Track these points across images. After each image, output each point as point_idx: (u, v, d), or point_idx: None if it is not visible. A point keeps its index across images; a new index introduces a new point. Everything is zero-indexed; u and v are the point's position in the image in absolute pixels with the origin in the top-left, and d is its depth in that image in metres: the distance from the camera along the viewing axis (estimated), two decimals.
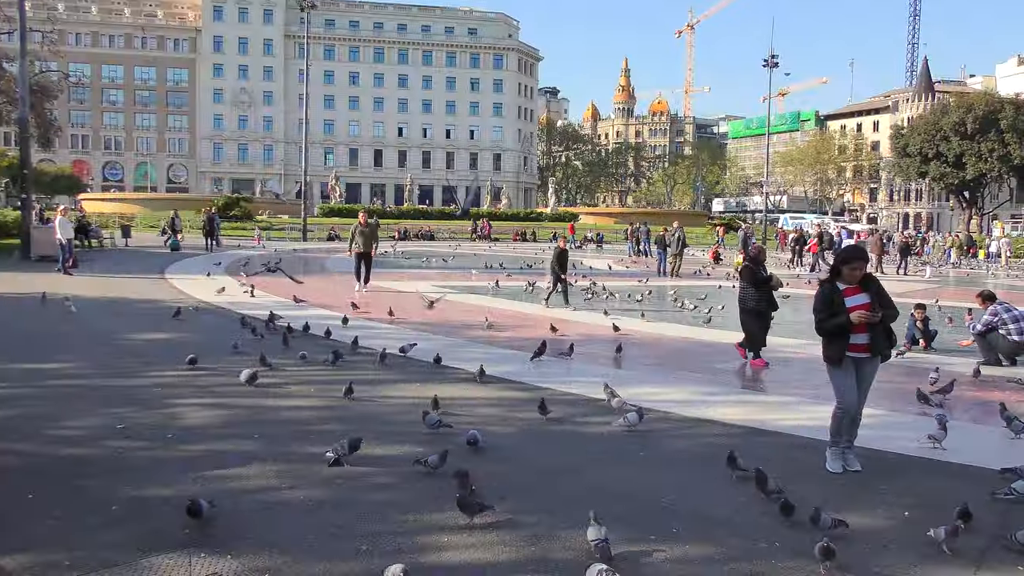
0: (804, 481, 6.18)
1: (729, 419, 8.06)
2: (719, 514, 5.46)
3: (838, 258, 6.47)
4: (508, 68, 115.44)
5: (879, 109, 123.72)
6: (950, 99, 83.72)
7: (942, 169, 72.45)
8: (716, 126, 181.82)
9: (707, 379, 10.30)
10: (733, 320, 16.05)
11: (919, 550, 4.95)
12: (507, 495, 5.66)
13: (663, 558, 4.75)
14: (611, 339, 12.85)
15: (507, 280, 23.48)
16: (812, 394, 9.33)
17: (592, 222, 69.34)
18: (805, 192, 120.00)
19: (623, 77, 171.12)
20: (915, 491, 6.08)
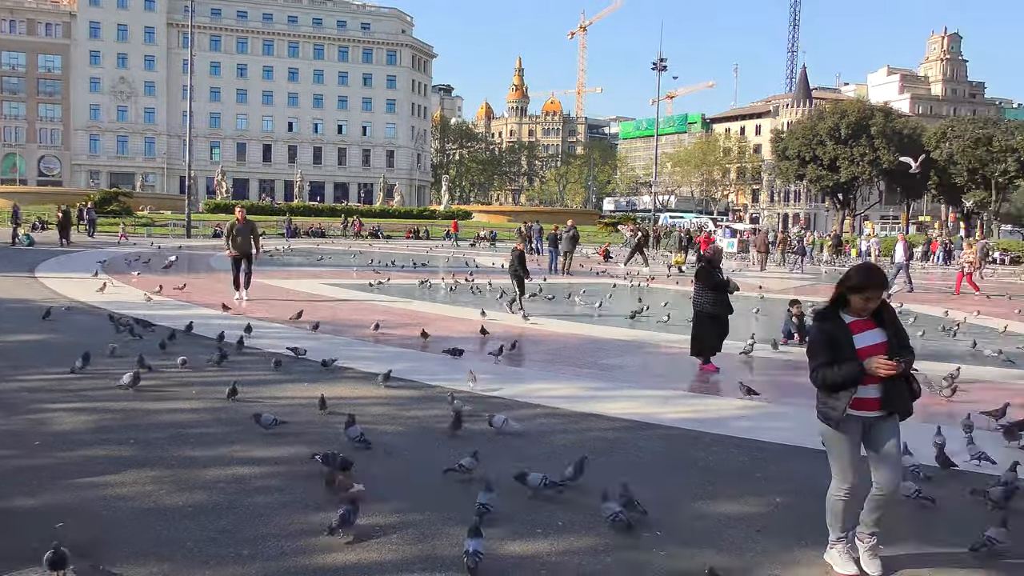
0: (684, 472, 6.36)
1: (616, 413, 8.23)
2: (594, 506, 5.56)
3: (846, 283, 4.54)
4: (401, 64, 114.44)
5: (761, 113, 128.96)
6: (826, 105, 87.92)
7: (818, 172, 75.96)
8: (607, 127, 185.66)
9: (595, 375, 10.49)
10: (621, 316, 16.58)
11: (792, 532, 5.19)
12: (396, 494, 5.62)
13: (548, 551, 4.81)
14: (504, 337, 12.92)
15: (399, 278, 23.26)
16: (697, 387, 9.67)
17: (486, 220, 69.56)
18: (692, 192, 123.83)
19: (516, 76, 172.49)
20: (788, 477, 6.36)
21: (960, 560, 4.85)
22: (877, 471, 4.65)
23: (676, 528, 5.22)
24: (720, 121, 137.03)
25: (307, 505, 5.40)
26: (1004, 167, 65.46)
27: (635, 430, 7.63)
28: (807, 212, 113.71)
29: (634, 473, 6.02)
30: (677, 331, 14.41)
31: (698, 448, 7.09)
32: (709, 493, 5.92)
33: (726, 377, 10.53)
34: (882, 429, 4.59)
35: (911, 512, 5.61)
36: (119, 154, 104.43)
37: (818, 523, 5.38)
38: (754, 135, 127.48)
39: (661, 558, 4.77)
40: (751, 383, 9.20)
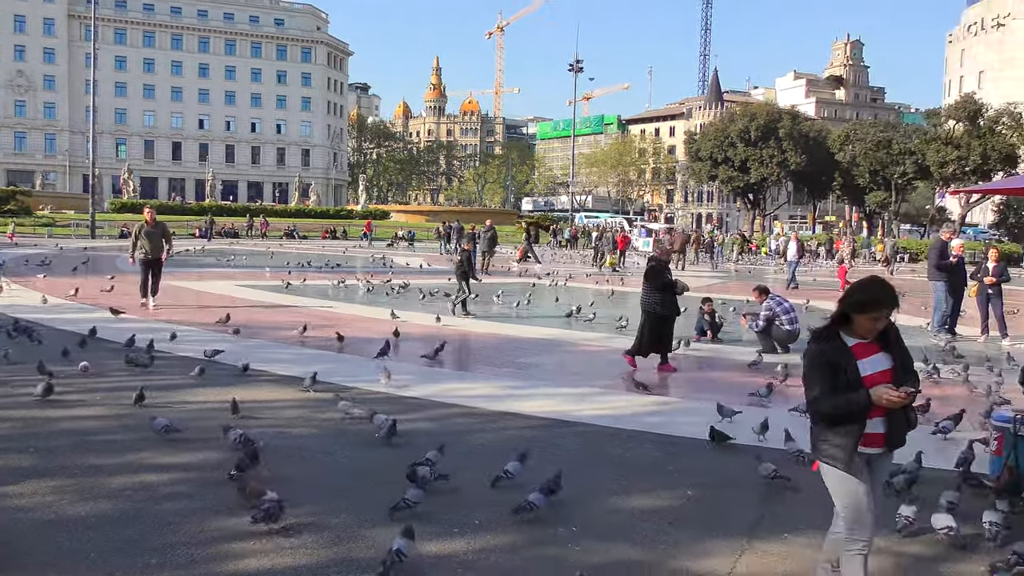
0: (599, 468, 6.46)
1: (533, 412, 8.30)
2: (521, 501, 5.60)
3: (850, 299, 3.89)
4: (317, 62, 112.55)
5: (675, 115, 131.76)
6: (737, 108, 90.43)
7: (729, 173, 77.95)
8: (525, 127, 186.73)
9: (512, 373, 10.55)
10: (541, 314, 16.73)
11: (702, 524, 5.34)
12: (311, 496, 5.55)
13: (465, 549, 4.82)
14: (424, 336, 12.88)
15: (315, 279, 22.91)
16: (611, 384, 9.82)
17: (404, 220, 69.13)
18: (608, 192, 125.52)
19: (434, 76, 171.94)
20: (700, 470, 6.53)
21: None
22: None
23: (591, 523, 5.30)
24: (635, 122, 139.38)
25: (218, 511, 5.28)
26: (903, 169, 68.31)
27: (552, 427, 7.70)
28: (720, 212, 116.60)
29: (550, 470, 6.08)
30: (597, 330, 14.70)
31: (613, 444, 7.22)
32: (623, 488, 6.03)
33: (643, 375, 10.73)
34: (878, 468, 3.99)
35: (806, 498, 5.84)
36: (17, 151, 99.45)
37: (727, 514, 5.58)
38: (668, 136, 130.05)
39: (576, 553, 4.84)
40: (660, 379, 9.40)
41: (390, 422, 7.01)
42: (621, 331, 14.27)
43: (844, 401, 3.76)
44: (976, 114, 63.75)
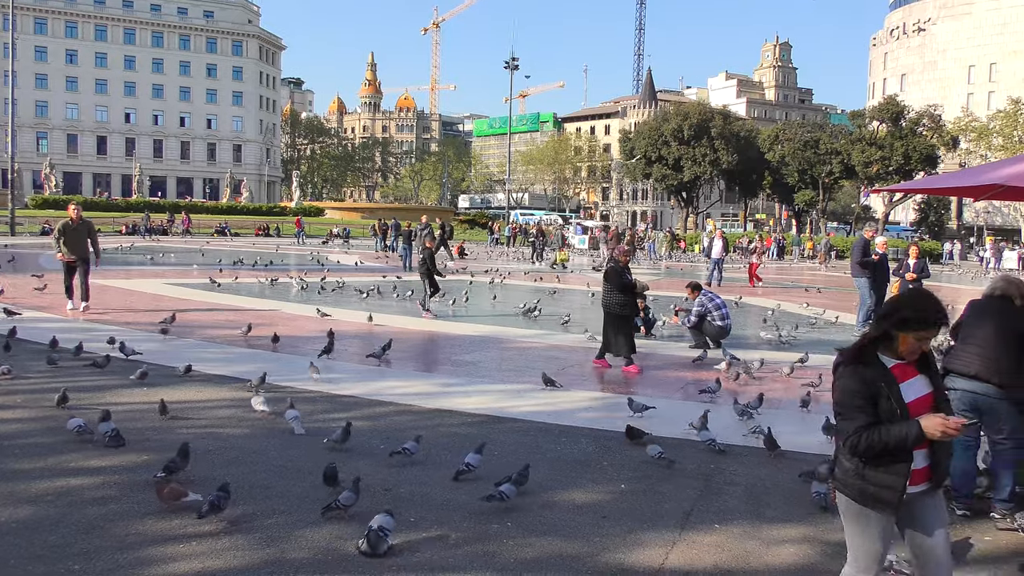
0: (534, 464, 6.47)
1: (469, 408, 8.30)
2: (457, 499, 5.61)
3: (896, 315, 3.38)
4: (248, 55, 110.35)
5: (610, 114, 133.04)
6: (670, 108, 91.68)
7: (663, 171, 79.09)
8: (462, 124, 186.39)
9: (449, 371, 10.54)
10: (477, 313, 16.74)
11: (635, 516, 5.42)
12: (242, 497, 5.45)
13: (399, 547, 4.80)
14: (357, 335, 12.77)
15: (247, 277, 22.48)
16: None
17: (339, 217, 68.41)
18: (545, 190, 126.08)
19: (369, 71, 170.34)
20: (632, 464, 6.62)
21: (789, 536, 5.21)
22: (924, 566, 3.46)
23: (525, 518, 5.34)
24: (571, 120, 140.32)
25: (145, 514, 5.15)
26: (830, 168, 70.27)
27: (488, 424, 7.72)
28: (654, 210, 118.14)
29: (486, 466, 6.10)
30: (535, 326, 14.77)
31: (549, 439, 7.27)
32: (558, 483, 6.07)
33: (579, 370, 10.83)
34: (927, 508, 3.44)
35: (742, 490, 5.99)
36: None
37: (660, 507, 5.68)
38: (604, 135, 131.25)
39: (509, 548, 4.87)
40: (597, 375, 9.50)
41: (294, 416, 6.92)
42: (564, 327, 14.41)
43: (891, 433, 3.23)
44: (898, 116, 66.00)
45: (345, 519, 5.12)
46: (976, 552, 4.88)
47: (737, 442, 7.22)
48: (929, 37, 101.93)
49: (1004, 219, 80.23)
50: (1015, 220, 73.83)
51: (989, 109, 77.95)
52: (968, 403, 5.68)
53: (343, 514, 5.13)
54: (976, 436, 5.81)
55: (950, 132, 67.74)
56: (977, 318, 5.88)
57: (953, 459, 5.89)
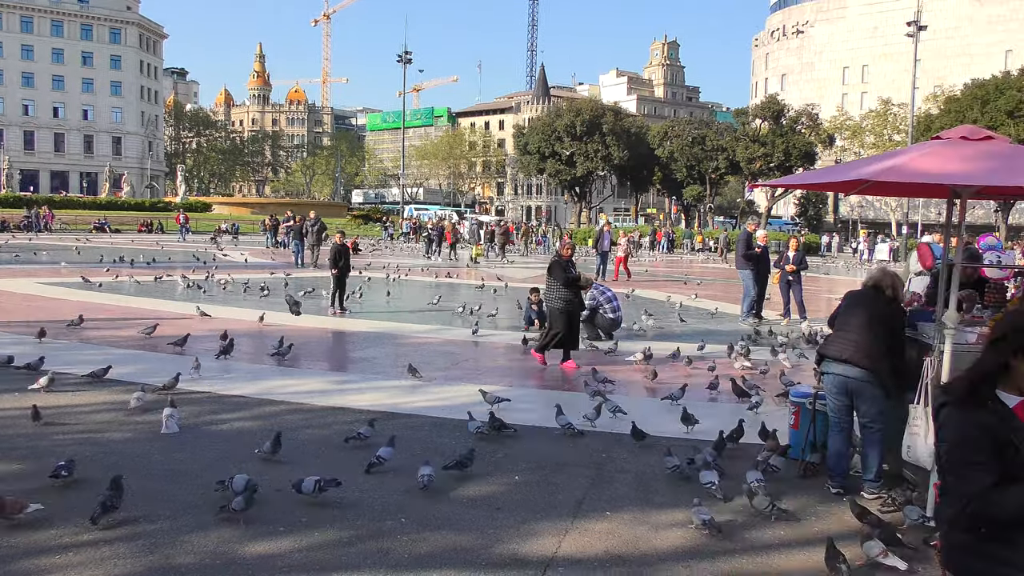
0: (429, 457, 6.46)
1: (363, 405, 8.22)
2: (349, 498, 5.55)
3: (1011, 336, 2.72)
4: (128, 43, 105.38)
5: (504, 109, 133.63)
6: (563, 104, 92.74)
7: (557, 166, 79.96)
8: (354, 118, 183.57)
9: (343, 368, 10.42)
10: (372, 309, 16.56)
11: (529, 507, 5.49)
12: (125, 504, 5.23)
13: (291, 548, 4.72)
14: (247, 334, 12.44)
15: (128, 275, 21.52)
16: (442, 376, 9.87)
17: (227, 213, 66.42)
18: (440, 185, 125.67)
19: (257, 63, 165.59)
20: (528, 456, 6.69)
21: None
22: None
23: (418, 513, 5.33)
24: (466, 115, 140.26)
25: (15, 527, 4.88)
26: (716, 164, 72.58)
27: (383, 420, 7.63)
28: (549, 205, 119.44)
29: (379, 464, 6.07)
30: (429, 321, 14.74)
31: (443, 434, 7.28)
32: (453, 477, 6.08)
33: (473, 364, 10.87)
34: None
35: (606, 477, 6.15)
36: None
37: (553, 497, 5.77)
38: (498, 130, 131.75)
39: (404, 544, 4.86)
40: (492, 368, 9.56)
41: (274, 435, 6.43)
42: (465, 322, 14.44)
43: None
44: (779, 114, 68.75)
45: (239, 522, 5.00)
46: (848, 527, 5.16)
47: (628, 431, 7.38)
48: (807, 39, 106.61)
49: (876, 213, 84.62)
50: (886, 214, 77.96)
51: (862, 109, 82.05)
52: (840, 386, 5.99)
53: (237, 516, 5.02)
54: (849, 419, 6.13)
55: (826, 130, 71.01)
56: (850, 307, 6.19)
57: (828, 441, 6.25)
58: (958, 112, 56.59)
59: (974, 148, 5.61)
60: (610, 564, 4.72)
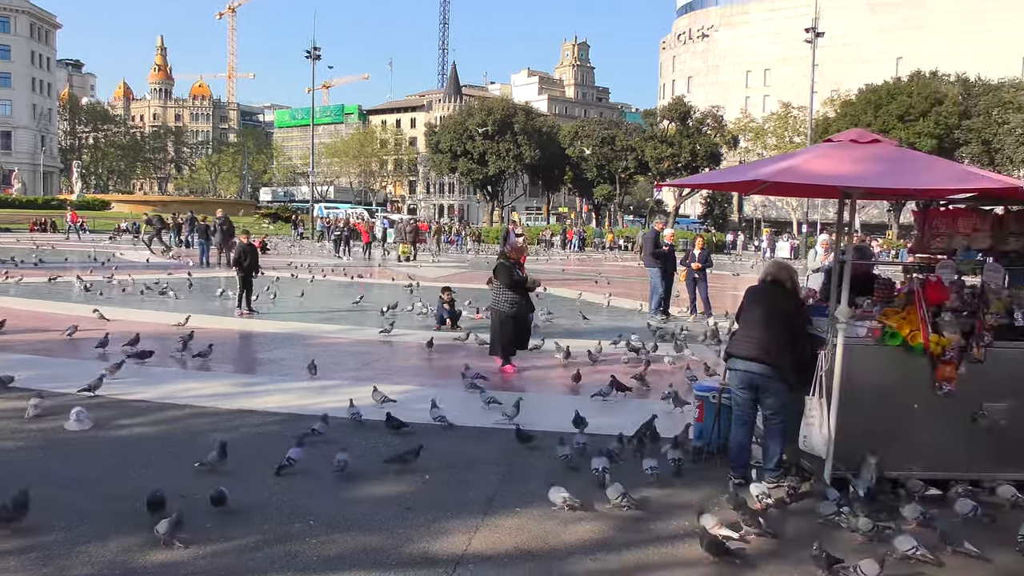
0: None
1: (271, 408, 8.08)
2: (256, 501, 5.45)
3: None
4: (17, 32, 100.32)
5: (416, 107, 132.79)
6: (475, 102, 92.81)
7: (469, 165, 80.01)
8: (262, 114, 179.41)
9: (250, 370, 10.22)
10: (282, 309, 16.25)
11: (438, 506, 5.50)
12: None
13: (196, 555, 4.61)
14: (152, 335, 12.02)
15: (17, 275, 20.52)
16: (352, 376, 9.77)
17: (128, 211, 63.98)
18: (351, 183, 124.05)
19: (159, 56, 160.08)
20: (435, 455, 6.67)
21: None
22: None
23: (327, 515, 5.28)
24: (377, 113, 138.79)
25: None
26: (625, 164, 73.91)
27: (290, 422, 7.53)
28: (461, 203, 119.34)
29: (289, 465, 5.98)
30: (340, 322, 14.58)
31: (355, 434, 7.21)
32: (362, 477, 6.05)
33: (384, 364, 10.80)
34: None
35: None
36: None
37: (464, 494, 5.79)
38: (410, 128, 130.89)
39: (312, 546, 4.80)
40: (403, 368, 9.51)
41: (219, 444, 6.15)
42: (377, 322, 14.34)
43: None
44: (686, 115, 70.50)
45: (139, 526, 4.85)
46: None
47: (543, 427, 7.45)
48: (712, 43, 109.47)
49: (779, 212, 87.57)
50: (788, 213, 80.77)
51: (764, 111, 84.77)
52: (745, 382, 6.20)
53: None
54: (753, 412, 6.35)
55: (731, 132, 73.20)
56: (751, 303, 6.40)
57: (731, 433, 6.46)
58: (853, 116, 59.16)
59: (863, 151, 5.89)
60: (520, 559, 4.78)
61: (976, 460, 6.14)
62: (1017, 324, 6.42)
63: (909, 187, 5.91)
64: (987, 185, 5.84)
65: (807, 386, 6.13)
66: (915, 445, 6.09)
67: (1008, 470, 6.10)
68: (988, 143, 51.89)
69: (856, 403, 5.94)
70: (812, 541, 4.75)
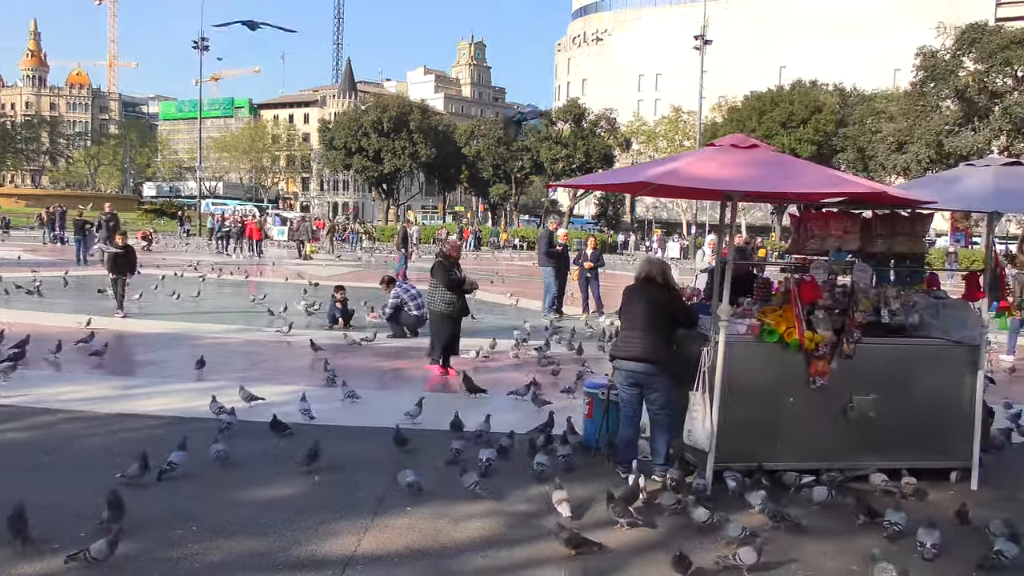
0: (220, 463, 6.22)
1: (154, 410, 7.80)
2: (134, 507, 5.22)
3: None
4: None
5: (309, 103, 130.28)
6: (370, 99, 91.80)
7: (364, 163, 78.99)
8: (146, 105, 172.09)
9: (131, 371, 9.84)
10: (167, 309, 15.67)
11: (329, 508, 5.43)
12: None
13: (69, 566, 4.39)
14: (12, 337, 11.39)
15: None
16: (239, 377, 9.51)
17: None
18: (241, 179, 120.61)
19: (32, 41, 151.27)
20: (330, 456, 6.56)
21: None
22: None
23: (212, 520, 5.14)
24: (269, 107, 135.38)
25: None
26: (521, 164, 74.51)
27: (173, 425, 7.27)
28: (356, 201, 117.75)
29: (170, 470, 5.78)
30: (228, 321, 14.21)
31: (242, 437, 7.02)
32: (249, 480, 5.92)
33: (273, 364, 10.57)
34: None
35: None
36: None
37: (354, 495, 5.74)
38: (303, 123, 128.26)
39: (195, 552, 4.65)
40: (293, 368, 9.34)
41: (141, 455, 5.79)
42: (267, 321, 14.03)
43: None
44: (580, 117, 71.64)
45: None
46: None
47: (432, 426, 7.45)
48: (606, 46, 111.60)
49: (670, 214, 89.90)
50: (678, 215, 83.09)
51: (656, 115, 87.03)
52: (631, 380, 6.37)
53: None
54: (639, 408, 6.52)
55: (624, 134, 74.79)
56: (629, 302, 6.58)
57: (619, 429, 6.62)
58: (739, 121, 61.37)
59: (744, 155, 6.14)
60: (410, 559, 4.77)
61: (848, 450, 6.48)
62: (884, 321, 6.83)
63: (784, 190, 6.20)
64: (855, 190, 6.19)
65: (691, 381, 6.34)
66: (792, 437, 6.39)
67: (877, 459, 6.47)
68: (863, 150, 54.62)
69: (737, 398, 6.18)
70: (686, 533, 4.93)
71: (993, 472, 6.65)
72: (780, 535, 5.27)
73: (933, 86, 48.33)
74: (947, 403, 6.61)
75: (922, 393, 6.55)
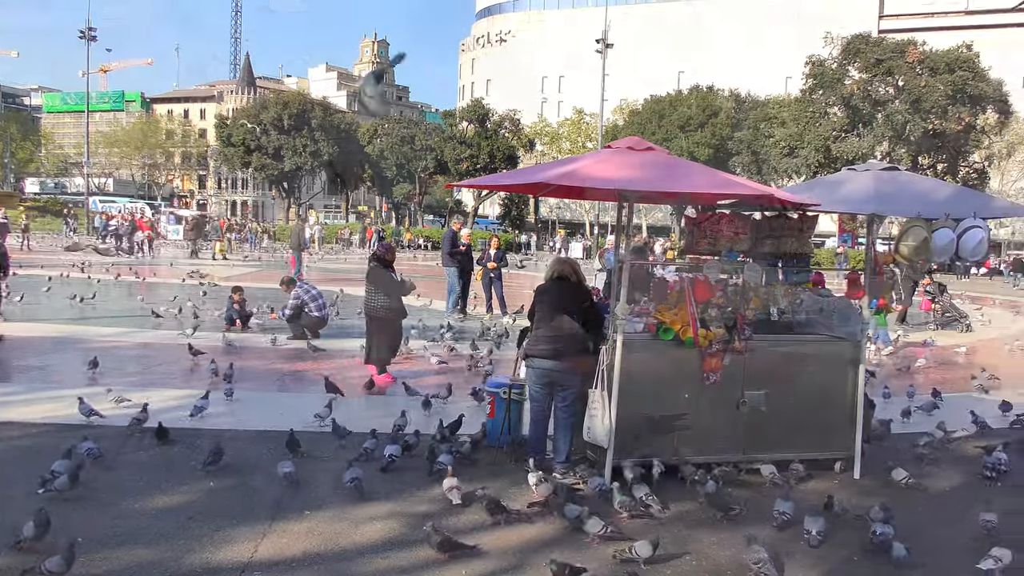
0: (114, 472, 6.01)
1: (36, 418, 7.43)
2: (15, 522, 4.98)
3: None
4: None
5: (206, 98, 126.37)
6: (270, 95, 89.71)
7: (263, 160, 77.19)
8: (28, 97, 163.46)
9: (9, 377, 9.34)
10: (53, 312, 14.94)
11: (224, 514, 5.30)
12: None
13: None
14: None
15: None
16: (135, 381, 9.18)
17: None
18: (133, 175, 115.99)
19: None
20: (225, 461, 6.41)
21: None
22: None
23: (100, 530, 4.95)
24: (162, 102, 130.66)
25: None
26: (425, 164, 74.11)
27: (59, 432, 6.94)
28: (256, 199, 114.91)
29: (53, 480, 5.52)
30: (120, 324, 13.66)
31: (131, 444, 6.79)
32: (141, 488, 5.71)
33: (166, 368, 10.23)
34: None
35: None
36: None
37: (251, 500, 5.61)
38: (199, 119, 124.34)
39: (81, 563, 4.41)
40: (187, 372, 9.06)
41: (74, 467, 5.57)
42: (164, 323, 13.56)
43: None
44: (484, 117, 71.74)
45: None
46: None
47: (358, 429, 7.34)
48: (510, 48, 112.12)
49: (573, 214, 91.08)
50: (581, 215, 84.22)
51: (559, 116, 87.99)
52: (544, 379, 6.46)
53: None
54: (549, 406, 6.60)
55: (527, 135, 75.32)
56: (541, 302, 6.65)
57: (529, 427, 6.70)
58: (640, 124, 62.72)
59: (639, 157, 6.30)
60: (308, 563, 4.70)
61: (740, 444, 6.73)
62: (772, 319, 7.12)
63: (676, 190, 6.39)
64: (743, 191, 6.43)
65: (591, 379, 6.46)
66: (688, 432, 6.58)
67: (768, 452, 6.73)
68: (757, 154, 56.61)
69: (634, 394, 6.32)
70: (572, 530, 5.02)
71: (872, 461, 7.00)
72: (676, 528, 5.43)
73: (821, 93, 50.39)
74: (832, 396, 6.94)
75: (809, 387, 6.86)
